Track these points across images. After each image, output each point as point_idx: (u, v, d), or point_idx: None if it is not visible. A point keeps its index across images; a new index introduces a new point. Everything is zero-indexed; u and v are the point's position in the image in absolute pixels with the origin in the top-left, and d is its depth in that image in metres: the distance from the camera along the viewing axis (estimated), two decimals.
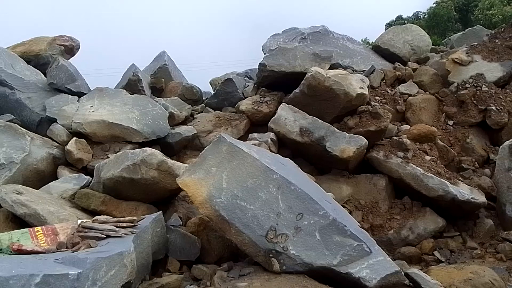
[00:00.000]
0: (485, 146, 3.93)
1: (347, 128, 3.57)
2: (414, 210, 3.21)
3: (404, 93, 4.22)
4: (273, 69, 4.09)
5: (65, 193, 2.89)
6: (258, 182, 1.93)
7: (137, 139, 3.68)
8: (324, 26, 5.16)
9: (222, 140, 2.04)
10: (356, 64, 4.63)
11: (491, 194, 3.32)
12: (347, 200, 3.28)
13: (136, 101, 4.02)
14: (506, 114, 3.87)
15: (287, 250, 1.83)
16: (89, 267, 1.43)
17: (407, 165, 3.21)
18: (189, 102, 4.87)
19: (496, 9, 16.03)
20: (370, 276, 1.78)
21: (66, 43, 4.80)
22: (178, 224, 2.60)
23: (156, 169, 2.60)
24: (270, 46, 4.72)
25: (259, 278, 1.79)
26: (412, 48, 4.96)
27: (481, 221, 3.16)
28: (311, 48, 4.22)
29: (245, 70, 6.74)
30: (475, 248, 2.95)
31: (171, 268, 2.25)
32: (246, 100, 4.24)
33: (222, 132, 3.86)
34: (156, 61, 6.17)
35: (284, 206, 1.89)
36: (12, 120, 3.65)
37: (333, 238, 1.83)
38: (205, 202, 1.95)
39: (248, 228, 1.87)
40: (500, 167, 3.27)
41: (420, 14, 20.85)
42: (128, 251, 1.65)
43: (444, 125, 4.04)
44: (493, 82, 4.13)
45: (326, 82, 3.50)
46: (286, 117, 3.46)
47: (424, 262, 2.84)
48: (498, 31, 4.80)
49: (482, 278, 2.10)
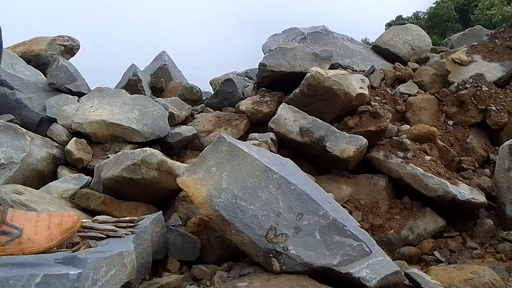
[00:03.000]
0: (485, 146, 3.93)
1: (347, 128, 3.57)
2: (414, 210, 3.21)
3: (404, 93, 4.22)
4: (273, 69, 4.09)
5: (65, 193, 2.88)
6: (258, 182, 1.93)
7: (137, 139, 3.68)
8: (324, 26, 5.16)
9: (222, 140, 2.03)
10: (356, 64, 4.64)
11: (491, 194, 3.32)
12: (347, 200, 3.28)
13: (136, 101, 4.02)
14: (506, 114, 3.87)
15: (287, 250, 1.83)
16: (89, 267, 1.43)
17: (407, 165, 3.21)
18: (189, 102, 4.87)
19: (496, 9, 16.06)
20: (370, 276, 1.78)
21: (66, 43, 4.80)
22: (178, 224, 2.59)
23: (156, 169, 2.60)
24: (270, 46, 4.72)
25: (259, 278, 1.79)
26: (412, 48, 4.96)
27: (481, 221, 3.16)
28: (311, 48, 4.23)
29: (245, 70, 6.74)
30: (475, 248, 2.95)
31: (171, 268, 2.25)
32: (246, 100, 4.24)
33: (222, 132, 3.87)
34: (156, 61, 6.18)
35: (284, 206, 1.89)
36: (12, 120, 3.65)
37: (333, 238, 1.83)
38: (205, 202, 1.95)
39: (248, 228, 1.87)
40: (500, 167, 3.27)
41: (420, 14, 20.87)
42: (128, 251, 1.65)
43: (444, 125, 4.04)
44: (493, 82, 4.13)
45: (326, 82, 3.50)
46: (286, 117, 3.46)
47: (424, 262, 2.84)
48: (498, 31, 4.80)
49: (482, 278, 2.10)
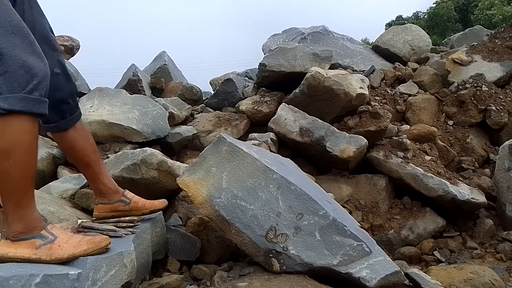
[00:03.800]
0: (485, 146, 3.93)
1: (347, 128, 3.57)
2: (414, 210, 3.21)
3: (404, 93, 4.22)
4: (273, 69, 4.09)
5: (65, 193, 2.88)
6: (258, 182, 1.93)
7: (137, 139, 3.68)
8: (324, 26, 5.16)
9: (222, 140, 2.03)
10: (356, 64, 4.64)
11: (491, 194, 3.32)
12: (347, 200, 3.28)
13: (136, 101, 4.02)
14: (506, 114, 3.87)
15: (287, 250, 1.82)
16: (89, 267, 1.43)
17: (407, 165, 3.21)
18: (189, 102, 4.87)
19: (496, 9, 16.06)
20: (370, 276, 1.78)
21: (66, 43, 4.81)
22: (178, 224, 2.59)
23: (156, 169, 2.59)
24: (270, 46, 4.73)
25: (259, 278, 1.79)
26: (412, 48, 4.96)
27: (481, 221, 3.16)
28: (311, 48, 4.23)
29: (245, 70, 6.75)
30: (475, 248, 2.95)
31: (171, 268, 2.25)
32: (246, 100, 4.24)
33: (222, 132, 3.87)
34: (156, 61, 6.18)
35: (284, 206, 1.89)
36: None
37: (333, 238, 1.83)
38: (205, 202, 1.95)
39: (248, 228, 1.87)
40: (500, 167, 3.27)
41: (420, 14, 20.87)
42: (128, 251, 1.65)
43: (444, 125, 4.04)
44: (493, 82, 4.13)
45: (326, 82, 3.50)
46: (286, 117, 3.46)
47: (424, 262, 2.84)
48: (498, 31, 4.80)
49: (482, 278, 2.10)
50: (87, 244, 1.50)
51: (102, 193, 1.98)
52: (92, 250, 1.50)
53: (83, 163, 1.94)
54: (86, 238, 1.54)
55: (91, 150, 1.92)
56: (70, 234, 1.55)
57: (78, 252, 1.47)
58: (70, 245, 1.48)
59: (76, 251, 1.47)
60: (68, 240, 1.49)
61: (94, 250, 1.51)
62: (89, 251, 1.49)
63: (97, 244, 1.53)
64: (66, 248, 1.47)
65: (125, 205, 1.99)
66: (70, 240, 1.50)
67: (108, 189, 1.97)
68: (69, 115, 1.85)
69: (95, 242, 1.53)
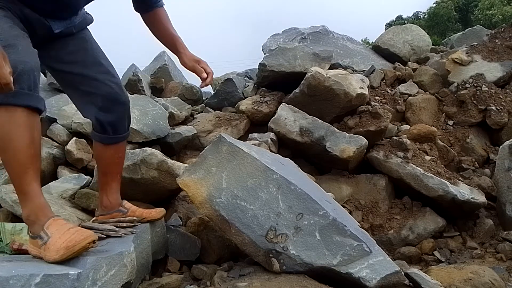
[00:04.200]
0: (485, 146, 3.93)
1: (347, 128, 3.57)
2: (414, 210, 3.21)
3: (404, 93, 4.22)
4: (273, 69, 4.09)
5: (65, 193, 2.89)
6: (258, 182, 1.93)
7: (137, 139, 3.67)
8: (324, 26, 5.16)
9: (222, 140, 2.03)
10: (356, 64, 4.63)
11: (491, 194, 3.32)
12: (347, 200, 3.28)
13: (136, 101, 4.02)
14: (506, 114, 3.87)
15: (287, 250, 1.82)
16: (89, 267, 1.43)
17: (407, 165, 3.21)
18: (189, 102, 4.87)
19: (496, 9, 16.06)
20: (370, 276, 1.78)
21: None
22: (178, 224, 2.60)
23: (156, 169, 2.60)
24: (270, 46, 4.72)
25: (259, 278, 1.79)
26: (412, 48, 4.96)
27: (481, 221, 3.15)
28: (311, 48, 4.22)
29: (245, 70, 6.75)
30: (475, 248, 2.95)
31: (171, 268, 2.25)
32: (246, 100, 4.24)
33: (222, 132, 3.87)
34: (156, 61, 6.18)
35: (284, 206, 1.89)
36: None
37: (333, 238, 1.83)
38: (205, 202, 1.95)
39: (248, 228, 1.87)
40: (500, 167, 3.27)
41: (420, 14, 20.87)
42: (128, 251, 1.65)
43: (444, 125, 4.04)
44: (493, 82, 4.13)
45: (326, 82, 3.50)
46: (286, 117, 3.46)
47: (424, 262, 2.84)
48: (498, 31, 4.79)
49: (482, 278, 2.10)
50: (64, 250, 1.44)
51: (104, 205, 2.10)
52: (67, 256, 1.45)
53: (102, 171, 2.10)
54: (70, 238, 1.47)
55: (116, 163, 2.08)
56: (60, 234, 1.49)
57: (58, 257, 1.45)
58: (53, 249, 1.46)
59: (57, 255, 1.45)
60: (55, 241, 1.47)
61: (70, 254, 1.45)
62: (64, 256, 1.44)
63: (71, 249, 1.45)
64: (51, 251, 1.47)
65: (123, 215, 2.10)
66: (57, 241, 1.47)
67: (111, 205, 2.10)
68: (113, 133, 2.00)
69: (70, 246, 1.45)
